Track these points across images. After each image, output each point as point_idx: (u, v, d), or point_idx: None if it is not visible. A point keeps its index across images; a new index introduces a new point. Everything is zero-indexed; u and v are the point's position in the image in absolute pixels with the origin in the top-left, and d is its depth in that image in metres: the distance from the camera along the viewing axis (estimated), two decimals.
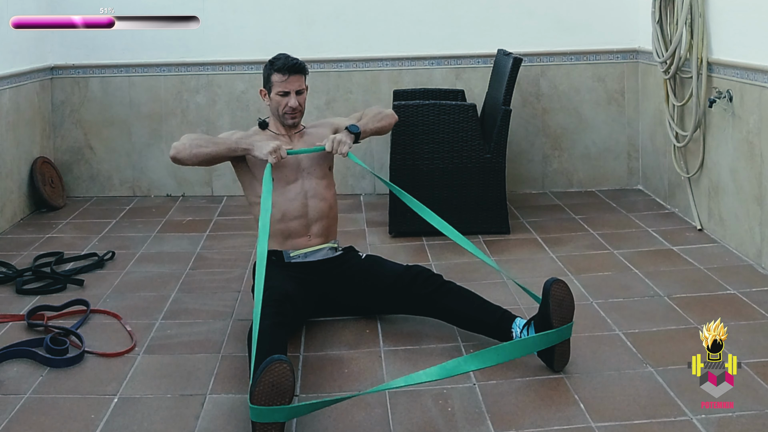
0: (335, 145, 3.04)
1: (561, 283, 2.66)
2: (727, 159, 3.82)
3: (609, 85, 5.07)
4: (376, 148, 5.13)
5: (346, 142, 3.05)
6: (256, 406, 2.19)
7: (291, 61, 3.13)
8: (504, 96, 4.07)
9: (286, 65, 3.11)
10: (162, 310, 3.27)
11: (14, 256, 3.98)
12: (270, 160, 2.97)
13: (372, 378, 2.66)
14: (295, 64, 3.13)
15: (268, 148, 2.99)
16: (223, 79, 5.15)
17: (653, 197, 4.82)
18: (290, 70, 3.11)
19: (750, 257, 3.62)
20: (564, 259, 3.75)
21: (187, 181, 5.22)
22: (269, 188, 2.87)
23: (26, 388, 2.62)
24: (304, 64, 3.17)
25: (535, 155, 5.12)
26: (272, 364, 2.20)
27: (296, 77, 3.12)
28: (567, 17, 5.04)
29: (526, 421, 2.35)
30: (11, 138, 4.60)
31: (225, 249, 4.05)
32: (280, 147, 3.00)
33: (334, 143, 3.04)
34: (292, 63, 3.12)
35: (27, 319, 3.14)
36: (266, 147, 2.99)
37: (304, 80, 3.16)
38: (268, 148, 2.99)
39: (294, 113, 3.14)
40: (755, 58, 3.53)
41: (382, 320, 3.10)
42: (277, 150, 2.99)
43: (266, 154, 2.98)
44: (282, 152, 3.00)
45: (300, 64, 3.14)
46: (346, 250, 3.17)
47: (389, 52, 5.09)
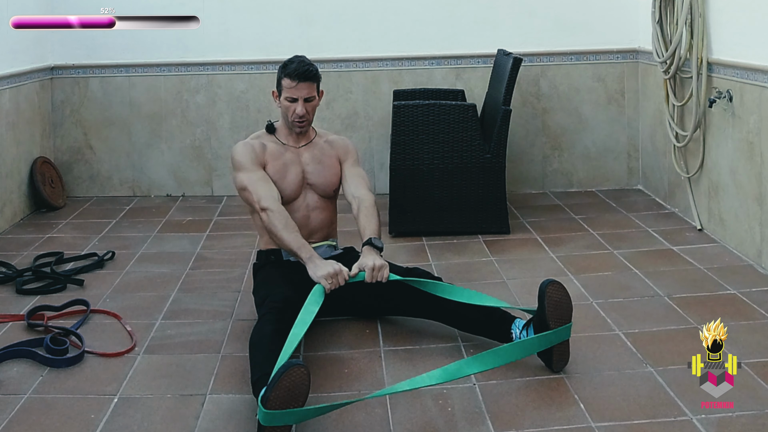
0: (376, 275, 2.79)
1: (557, 285, 2.65)
2: (727, 159, 3.82)
3: (609, 85, 5.07)
4: (376, 148, 5.13)
5: (385, 267, 2.81)
6: (268, 410, 2.17)
7: (303, 67, 2.98)
8: (504, 96, 4.07)
9: (297, 71, 2.97)
10: (162, 310, 3.27)
11: (14, 256, 3.98)
12: (325, 285, 2.73)
13: (372, 378, 2.66)
14: (307, 71, 2.98)
15: (325, 272, 2.74)
16: (223, 79, 5.15)
17: (653, 197, 4.82)
18: (300, 77, 2.97)
19: (750, 257, 3.62)
20: (564, 259, 3.75)
21: (187, 181, 5.22)
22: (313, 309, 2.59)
23: (26, 388, 2.62)
24: (315, 72, 3.02)
25: (535, 155, 5.12)
26: (291, 368, 2.20)
27: (306, 84, 2.99)
28: (567, 17, 5.04)
29: (526, 421, 2.35)
30: (11, 138, 4.60)
31: (225, 249, 4.05)
32: (340, 272, 2.76)
33: (375, 273, 2.78)
34: (303, 70, 2.97)
35: (27, 319, 3.14)
36: (322, 271, 2.75)
37: (315, 87, 3.03)
38: (325, 272, 2.74)
39: (301, 121, 3.04)
40: (755, 58, 3.53)
41: (382, 320, 3.10)
42: (336, 276, 2.75)
43: (320, 278, 2.74)
44: (340, 280, 2.75)
45: (311, 72, 2.99)
46: (347, 251, 3.17)
47: (389, 52, 5.09)
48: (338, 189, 3.16)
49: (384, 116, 5.02)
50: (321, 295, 2.70)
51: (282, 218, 2.90)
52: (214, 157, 5.17)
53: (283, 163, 3.07)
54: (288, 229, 2.88)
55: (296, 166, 3.09)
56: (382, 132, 5.08)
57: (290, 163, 3.08)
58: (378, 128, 5.12)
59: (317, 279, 2.75)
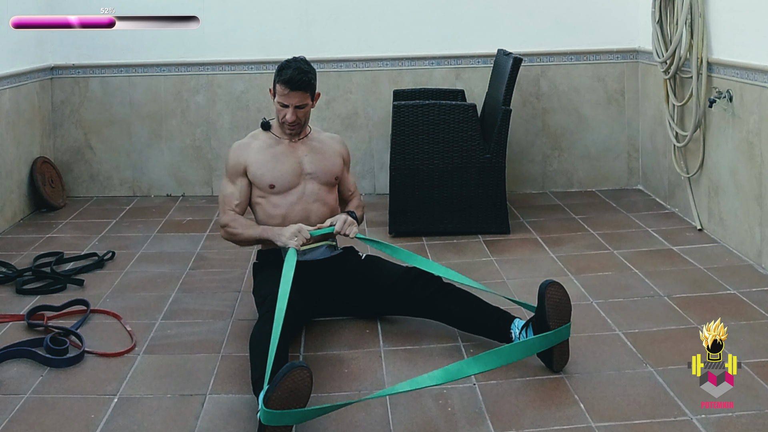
0: (344, 227, 2.99)
1: (556, 286, 2.66)
2: (727, 159, 3.82)
3: (609, 85, 5.07)
4: (376, 148, 5.13)
5: (354, 224, 3.02)
6: (270, 410, 2.18)
7: (297, 75, 2.96)
8: (504, 96, 4.07)
9: (290, 80, 2.95)
10: (162, 310, 3.27)
11: (14, 256, 3.98)
12: (294, 245, 2.90)
13: (372, 378, 2.66)
14: (300, 80, 2.96)
15: (288, 234, 2.93)
16: (223, 79, 5.15)
17: (653, 197, 4.82)
18: (292, 86, 2.97)
19: (750, 257, 3.62)
20: (564, 259, 3.75)
21: (187, 181, 5.23)
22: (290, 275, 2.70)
23: (26, 388, 2.62)
24: (309, 81, 3.00)
25: (535, 155, 5.12)
26: (294, 370, 2.21)
27: (298, 93, 2.98)
28: (567, 17, 5.04)
29: (526, 421, 2.35)
30: (11, 138, 4.60)
31: (225, 249, 4.05)
32: (300, 229, 2.95)
33: (345, 225, 2.99)
34: (297, 79, 2.95)
35: (27, 319, 3.14)
36: (286, 233, 2.94)
37: (308, 96, 3.03)
38: (288, 234, 2.93)
39: (292, 126, 3.06)
40: (755, 58, 3.53)
41: (382, 320, 3.10)
42: (298, 233, 2.94)
43: (287, 241, 2.92)
44: (304, 233, 2.94)
45: (304, 81, 2.97)
46: (346, 251, 3.17)
47: (389, 52, 5.09)
48: (339, 178, 3.19)
49: (384, 116, 5.02)
50: (293, 257, 2.82)
51: (237, 224, 3.08)
52: (214, 157, 5.17)
53: (272, 154, 3.09)
54: (246, 227, 3.07)
55: (291, 156, 3.10)
56: (382, 132, 5.08)
57: (283, 154, 3.10)
58: (378, 128, 5.12)
59: (285, 243, 2.93)
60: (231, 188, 3.13)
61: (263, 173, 3.06)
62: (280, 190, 3.06)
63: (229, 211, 3.11)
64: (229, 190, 3.13)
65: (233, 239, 3.11)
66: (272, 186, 3.06)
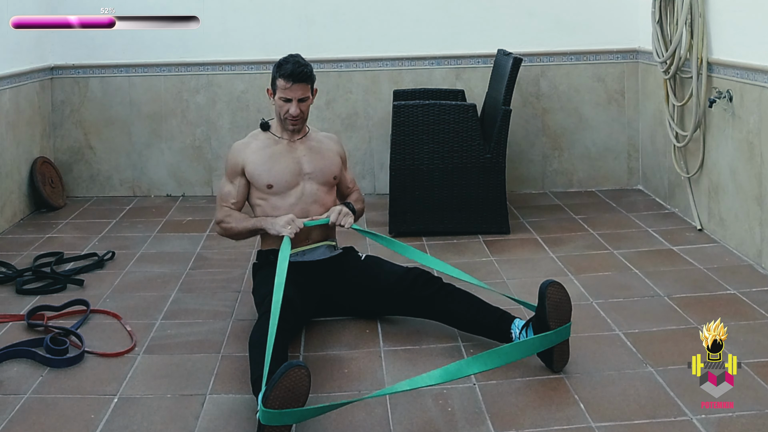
0: (340, 218, 3.02)
1: (557, 286, 2.66)
2: (727, 159, 3.82)
3: (609, 85, 5.07)
4: (376, 148, 5.13)
5: (349, 215, 3.04)
6: (269, 410, 2.18)
7: (298, 68, 3.01)
8: (504, 96, 4.07)
9: (292, 73, 3.00)
10: (162, 310, 3.27)
11: (14, 256, 3.98)
12: (288, 234, 2.92)
13: (372, 378, 2.66)
14: (301, 72, 3.00)
15: (282, 223, 2.95)
16: (223, 79, 5.15)
17: (653, 197, 4.82)
18: (295, 78, 3.00)
19: (750, 257, 3.62)
20: (564, 259, 3.75)
21: (187, 181, 5.22)
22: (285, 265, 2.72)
23: (26, 388, 2.62)
24: (310, 73, 3.05)
25: (535, 155, 5.12)
26: (291, 369, 2.21)
27: (300, 86, 3.02)
28: (567, 17, 5.04)
29: (526, 421, 2.35)
30: (11, 138, 4.60)
31: (225, 249, 4.05)
32: (293, 219, 2.97)
33: (340, 216, 3.01)
34: (298, 71, 3.00)
35: (27, 319, 3.14)
36: (279, 223, 2.96)
37: (309, 88, 3.07)
38: (282, 223, 2.95)
39: (295, 120, 3.07)
40: (755, 58, 3.53)
41: (382, 320, 3.10)
42: (291, 222, 2.96)
43: (280, 230, 2.94)
44: (297, 223, 2.96)
45: (305, 73, 3.02)
46: (346, 251, 3.17)
47: (389, 52, 5.09)
48: (337, 177, 3.20)
49: (384, 116, 5.02)
50: (288, 246, 2.84)
51: (232, 218, 3.10)
52: (214, 157, 5.17)
53: (271, 153, 3.10)
54: (240, 220, 3.09)
55: (290, 157, 3.11)
56: (382, 132, 5.08)
57: (281, 153, 3.11)
58: (378, 128, 5.12)
59: (279, 231, 2.94)
60: (228, 187, 3.15)
61: (261, 173, 3.07)
62: (279, 190, 3.06)
63: (224, 207, 3.13)
64: (227, 189, 3.15)
65: (228, 234, 3.13)
66: (270, 186, 3.06)
